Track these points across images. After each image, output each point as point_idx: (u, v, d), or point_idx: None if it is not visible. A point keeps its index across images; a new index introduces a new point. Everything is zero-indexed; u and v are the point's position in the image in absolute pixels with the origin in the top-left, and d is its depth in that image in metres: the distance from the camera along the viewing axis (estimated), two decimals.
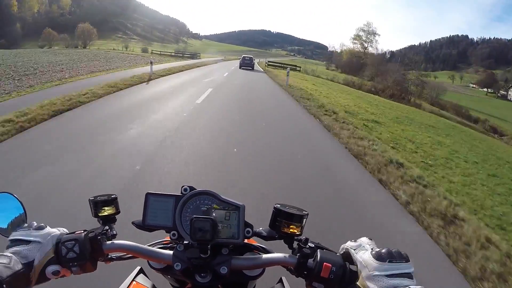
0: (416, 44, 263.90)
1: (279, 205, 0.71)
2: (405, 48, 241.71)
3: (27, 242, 0.62)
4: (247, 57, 30.53)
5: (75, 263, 0.64)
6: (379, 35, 78.98)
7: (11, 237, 0.63)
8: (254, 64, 30.26)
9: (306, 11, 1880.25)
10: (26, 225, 0.66)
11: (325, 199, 3.64)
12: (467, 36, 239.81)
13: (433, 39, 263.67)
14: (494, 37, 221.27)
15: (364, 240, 0.62)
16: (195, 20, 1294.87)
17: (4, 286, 0.51)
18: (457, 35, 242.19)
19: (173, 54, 49.01)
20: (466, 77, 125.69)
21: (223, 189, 3.48)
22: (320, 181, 4.22)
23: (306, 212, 0.71)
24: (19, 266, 0.57)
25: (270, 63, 38.41)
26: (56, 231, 0.67)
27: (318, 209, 3.27)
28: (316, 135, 6.88)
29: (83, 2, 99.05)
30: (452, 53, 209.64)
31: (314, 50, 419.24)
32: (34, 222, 0.66)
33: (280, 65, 38.38)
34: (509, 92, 71.81)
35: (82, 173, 3.67)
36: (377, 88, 35.43)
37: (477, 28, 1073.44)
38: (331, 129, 7.15)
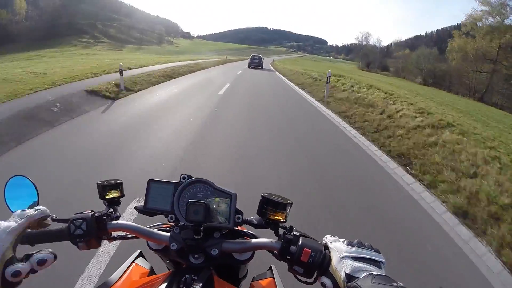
0: (422, 34, 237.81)
1: (266, 194, 0.75)
2: (410, 38, 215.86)
3: None
4: (256, 56, 29.49)
5: (82, 239, 0.70)
6: None
7: None
8: (263, 63, 29.05)
9: (302, 5, 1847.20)
10: None
11: None
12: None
13: (438, 28, 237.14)
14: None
15: (341, 239, 0.64)
16: (190, 21, 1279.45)
17: None
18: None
19: None
20: None
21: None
22: None
23: (291, 202, 0.76)
24: None
25: None
26: (12, 224, 0.60)
27: None
28: None
29: (46, 5, 75.90)
30: None
31: (314, 45, 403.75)
32: None
33: None
34: None
35: None
36: None
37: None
38: None
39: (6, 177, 0.80)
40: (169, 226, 0.83)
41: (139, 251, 0.95)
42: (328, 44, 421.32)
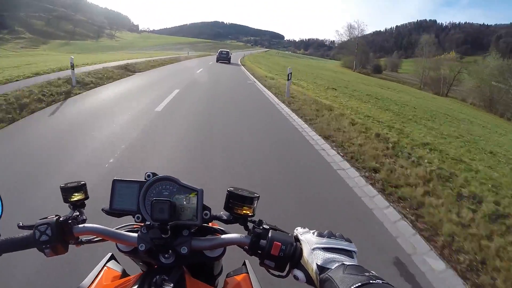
0: (382, 30, 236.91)
1: (232, 189, 0.73)
2: (371, 34, 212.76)
3: None
4: (224, 51, 30.46)
5: (48, 245, 0.66)
6: None
7: None
8: (230, 57, 30.16)
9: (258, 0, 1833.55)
10: None
11: None
12: (435, 21, 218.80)
13: (398, 24, 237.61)
14: (465, 22, 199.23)
15: (312, 230, 0.63)
16: (144, 16, 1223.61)
17: None
18: (425, 20, 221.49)
19: None
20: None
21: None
22: None
23: (257, 195, 0.72)
24: None
25: None
26: None
27: None
28: None
29: None
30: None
31: (271, 40, 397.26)
32: None
33: None
34: None
35: None
36: None
37: (425, 13, 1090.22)
38: None
39: None
40: (138, 226, 0.79)
41: (111, 253, 0.89)
42: (285, 39, 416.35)
